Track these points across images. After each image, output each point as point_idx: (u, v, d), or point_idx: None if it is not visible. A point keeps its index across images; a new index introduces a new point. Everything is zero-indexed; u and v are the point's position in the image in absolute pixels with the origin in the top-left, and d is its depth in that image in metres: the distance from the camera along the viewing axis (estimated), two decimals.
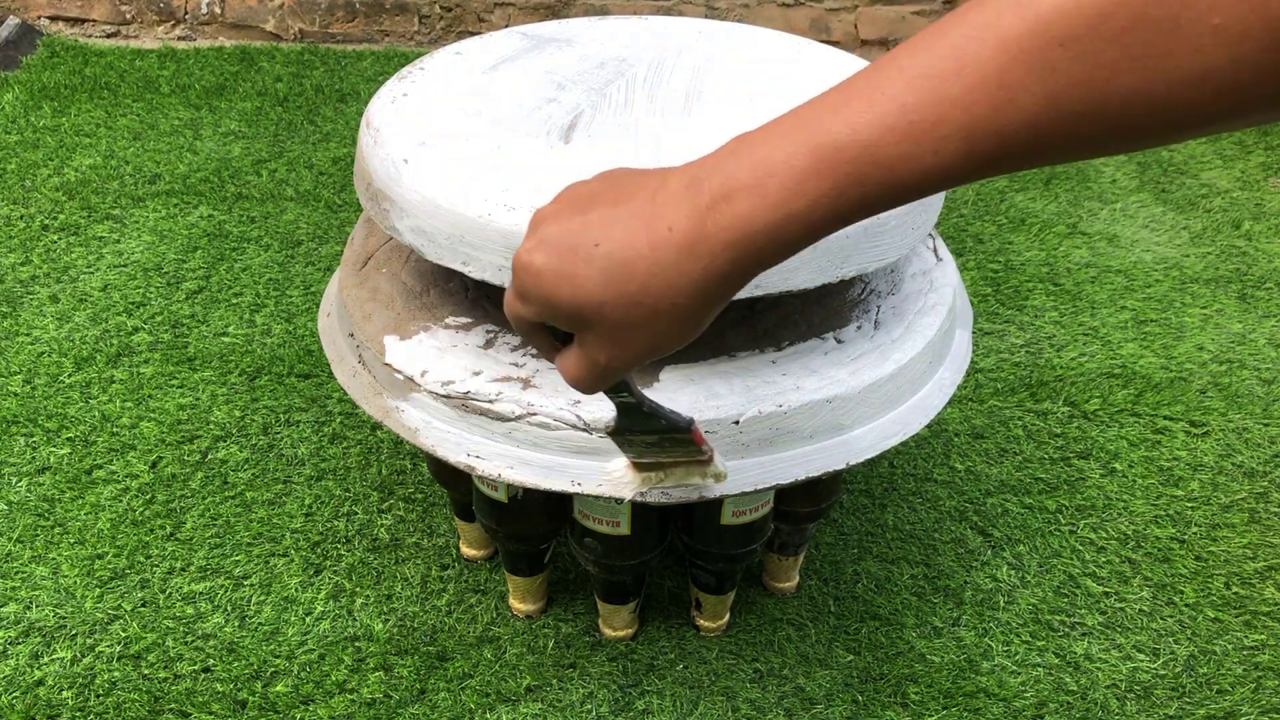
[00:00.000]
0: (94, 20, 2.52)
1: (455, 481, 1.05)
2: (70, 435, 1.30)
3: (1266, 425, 1.36)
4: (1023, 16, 0.35)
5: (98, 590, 1.10)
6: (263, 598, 1.10)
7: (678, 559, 1.14)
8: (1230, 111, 0.34)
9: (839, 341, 0.86)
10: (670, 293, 0.42)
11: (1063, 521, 1.22)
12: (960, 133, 0.36)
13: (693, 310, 0.44)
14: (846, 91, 0.38)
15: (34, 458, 1.27)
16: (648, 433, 0.67)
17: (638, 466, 0.74)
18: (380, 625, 1.07)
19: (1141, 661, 1.06)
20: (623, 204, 0.43)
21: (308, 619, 1.08)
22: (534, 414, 0.78)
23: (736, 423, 0.78)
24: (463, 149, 0.81)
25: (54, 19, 2.52)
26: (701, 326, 0.45)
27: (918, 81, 0.37)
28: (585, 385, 0.48)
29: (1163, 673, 1.05)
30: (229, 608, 1.09)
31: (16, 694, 1.00)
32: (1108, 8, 0.33)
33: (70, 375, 1.40)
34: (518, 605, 1.08)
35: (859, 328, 0.87)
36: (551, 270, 0.44)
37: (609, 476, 0.76)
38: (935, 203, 0.84)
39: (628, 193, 0.44)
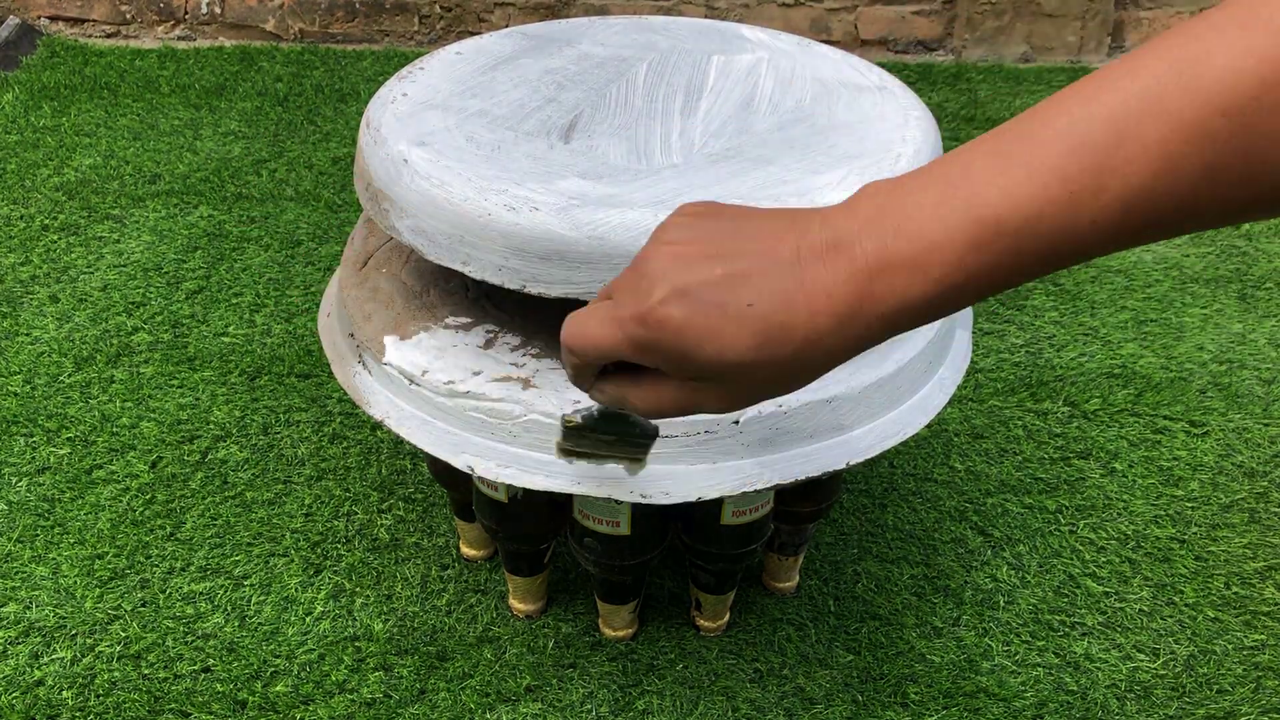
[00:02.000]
0: (94, 20, 2.52)
1: (455, 481, 1.05)
2: (70, 435, 1.30)
3: (1266, 425, 1.36)
4: (1185, 88, 0.35)
5: (98, 590, 1.10)
6: (263, 598, 1.10)
7: (678, 559, 1.14)
8: None
9: None
10: (821, 357, 0.42)
11: (1063, 521, 1.22)
12: (1118, 203, 0.36)
13: (830, 368, 0.43)
14: (999, 157, 0.38)
15: (34, 458, 1.27)
16: (612, 434, 0.64)
17: (566, 452, 0.68)
18: (380, 625, 1.07)
19: (1141, 661, 1.06)
20: (768, 257, 0.41)
21: (308, 619, 1.08)
22: (534, 414, 0.78)
23: (736, 423, 0.78)
24: (463, 149, 0.81)
25: (54, 19, 2.52)
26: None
27: (1078, 150, 0.36)
28: (668, 415, 0.47)
29: (1163, 673, 1.05)
30: (229, 608, 1.09)
31: (16, 694, 1.00)
32: (1271, 78, 0.34)
33: (70, 375, 1.40)
34: (518, 605, 1.08)
35: None
36: (695, 327, 0.42)
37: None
38: None
39: (767, 242, 0.42)
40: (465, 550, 1.15)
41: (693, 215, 0.45)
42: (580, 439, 0.65)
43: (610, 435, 0.64)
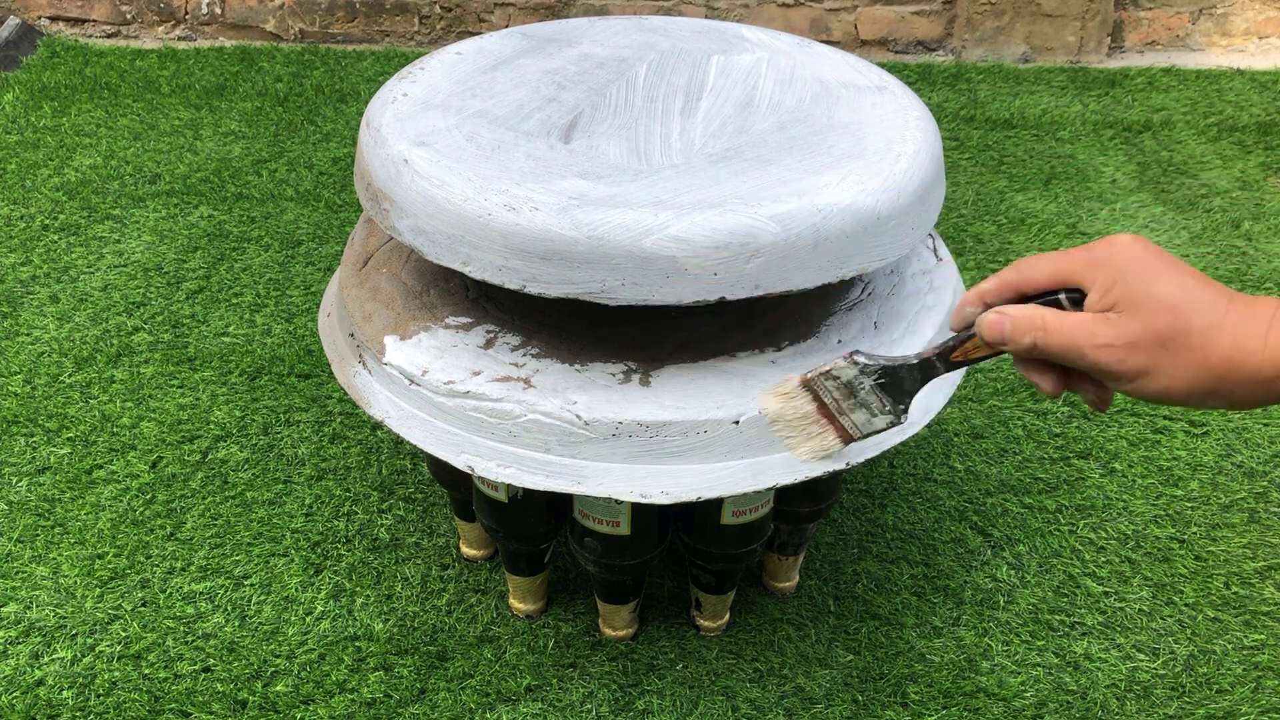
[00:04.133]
0: (94, 20, 2.52)
1: (455, 481, 1.05)
2: (70, 435, 1.30)
3: (1266, 425, 1.36)
4: None
5: (98, 590, 1.10)
6: (263, 598, 1.10)
7: (678, 559, 1.14)
8: None
9: (839, 342, 0.86)
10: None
11: (1063, 521, 1.22)
12: None
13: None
14: None
15: (34, 458, 1.27)
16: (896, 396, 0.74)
17: (836, 420, 0.77)
18: (380, 625, 1.07)
19: (1141, 661, 1.06)
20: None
21: (308, 619, 1.08)
22: (534, 414, 0.78)
23: (736, 423, 0.78)
24: (463, 149, 0.81)
25: (54, 19, 2.52)
26: None
27: None
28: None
29: (1162, 672, 1.05)
30: (229, 607, 1.09)
31: (16, 694, 1.00)
32: None
33: (70, 375, 1.40)
34: (518, 605, 1.08)
35: (859, 328, 0.87)
36: None
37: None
38: (935, 203, 0.84)
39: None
40: (465, 550, 1.15)
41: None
42: (867, 401, 0.75)
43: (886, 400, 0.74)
